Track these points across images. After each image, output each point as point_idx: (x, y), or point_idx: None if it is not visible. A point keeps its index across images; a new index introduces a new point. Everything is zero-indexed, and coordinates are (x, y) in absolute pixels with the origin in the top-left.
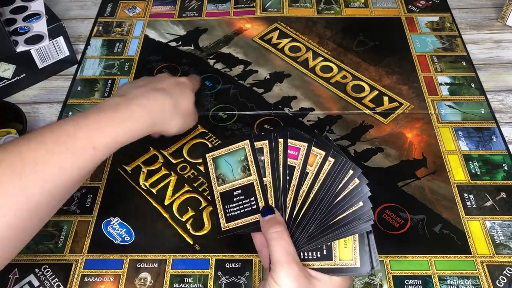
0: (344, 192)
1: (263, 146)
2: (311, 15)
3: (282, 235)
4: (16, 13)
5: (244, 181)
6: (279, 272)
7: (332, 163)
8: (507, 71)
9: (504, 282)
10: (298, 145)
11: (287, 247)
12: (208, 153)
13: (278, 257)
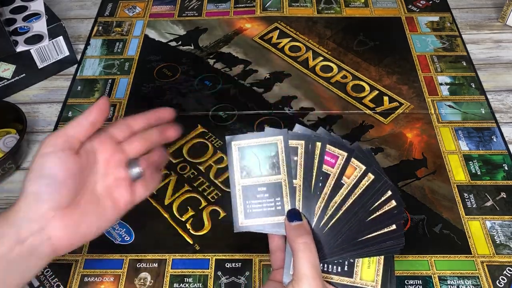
0: (378, 212)
1: (298, 146)
2: (311, 15)
3: (309, 246)
4: (16, 13)
5: (271, 178)
6: (304, 286)
7: (372, 180)
8: (507, 71)
9: (504, 282)
10: (337, 153)
11: (313, 260)
12: (235, 141)
13: (304, 270)
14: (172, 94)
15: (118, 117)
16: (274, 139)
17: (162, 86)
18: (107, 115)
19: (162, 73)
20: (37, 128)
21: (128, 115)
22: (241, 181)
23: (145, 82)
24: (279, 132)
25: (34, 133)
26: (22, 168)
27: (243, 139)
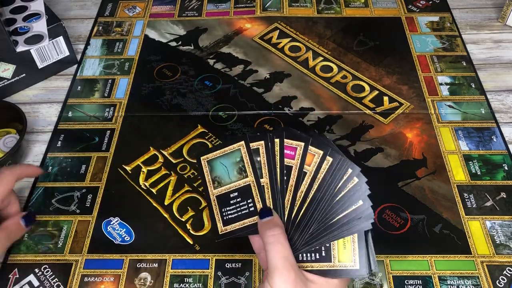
0: (343, 191)
1: (259, 147)
2: (311, 15)
3: (279, 238)
4: (16, 13)
5: (240, 183)
6: (276, 278)
7: (331, 163)
8: (507, 71)
9: (504, 282)
10: (295, 144)
11: (284, 251)
12: (203, 156)
13: (275, 263)
14: (172, 94)
15: (117, 117)
16: (236, 146)
17: (162, 86)
18: None
19: (162, 73)
20: (37, 128)
21: (128, 115)
22: (214, 191)
23: (145, 82)
24: (239, 138)
25: (34, 133)
26: None
27: (210, 152)
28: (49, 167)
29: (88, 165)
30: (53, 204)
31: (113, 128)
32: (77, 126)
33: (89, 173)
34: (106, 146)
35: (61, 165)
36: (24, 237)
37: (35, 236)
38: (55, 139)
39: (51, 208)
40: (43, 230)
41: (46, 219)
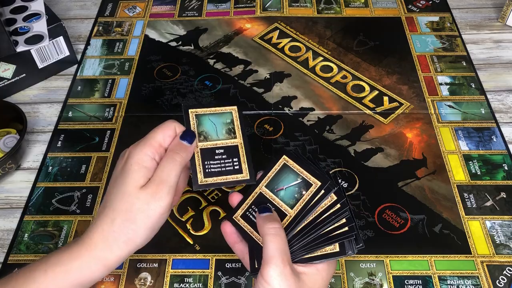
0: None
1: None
2: (311, 15)
3: (279, 232)
4: (16, 13)
5: (228, 142)
6: (271, 269)
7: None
8: (507, 71)
9: (504, 282)
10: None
11: (282, 245)
12: (191, 109)
13: (272, 253)
14: (172, 94)
15: (118, 117)
16: (228, 109)
17: (162, 86)
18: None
19: (162, 73)
20: (37, 128)
21: (128, 115)
22: (199, 144)
23: (145, 82)
24: (231, 103)
25: (34, 133)
26: (22, 168)
27: (199, 107)
28: (49, 167)
29: (88, 165)
30: (53, 204)
31: (113, 128)
32: (77, 126)
33: (89, 173)
34: (106, 146)
35: (61, 165)
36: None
37: (35, 236)
38: (55, 139)
39: (51, 208)
40: (43, 230)
41: (46, 219)
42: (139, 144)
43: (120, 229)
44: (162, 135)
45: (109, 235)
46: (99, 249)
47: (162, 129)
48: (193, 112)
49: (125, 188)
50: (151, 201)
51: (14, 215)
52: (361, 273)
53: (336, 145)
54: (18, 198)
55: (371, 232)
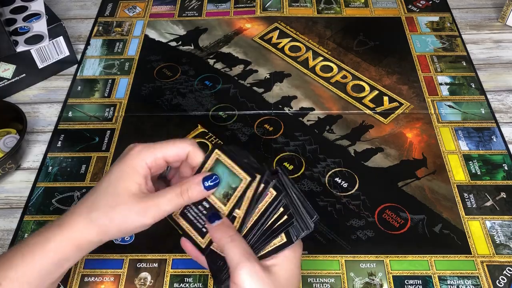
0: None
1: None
2: (311, 15)
3: (235, 237)
4: (16, 13)
5: (217, 203)
6: (241, 272)
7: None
8: (507, 71)
9: (504, 282)
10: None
11: (242, 246)
12: (218, 151)
13: (237, 258)
14: (172, 94)
15: (118, 117)
16: (244, 175)
17: (162, 86)
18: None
19: (162, 73)
20: (37, 128)
21: (128, 115)
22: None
23: (145, 82)
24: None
25: (34, 133)
26: (22, 168)
27: (226, 154)
28: (49, 167)
29: (88, 165)
30: (53, 204)
31: (113, 128)
32: (77, 126)
33: (89, 173)
34: (106, 146)
35: (61, 165)
36: None
37: None
38: (55, 139)
39: (51, 208)
40: None
41: (46, 219)
42: (147, 149)
43: (96, 220)
44: (173, 151)
45: (85, 222)
46: (73, 231)
47: (177, 146)
48: (217, 153)
49: (117, 189)
50: (136, 214)
51: (14, 215)
52: (361, 273)
53: (336, 145)
54: (18, 198)
55: (371, 232)
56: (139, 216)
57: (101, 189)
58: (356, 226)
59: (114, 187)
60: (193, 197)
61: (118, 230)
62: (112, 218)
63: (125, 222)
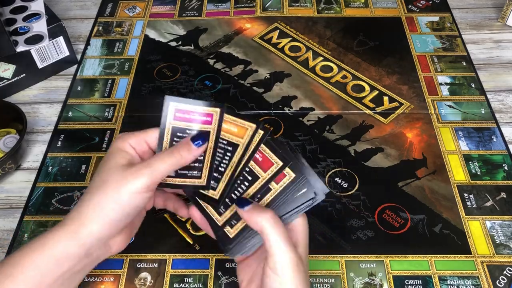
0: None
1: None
2: (311, 15)
3: (275, 220)
4: (16, 13)
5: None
6: (278, 262)
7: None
8: (507, 71)
9: (504, 282)
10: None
11: (282, 230)
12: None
13: (277, 245)
14: (172, 94)
15: (118, 117)
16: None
17: (162, 86)
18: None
19: (162, 73)
20: (37, 128)
21: (128, 115)
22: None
23: (145, 82)
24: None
25: (34, 133)
26: (22, 168)
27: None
28: (49, 167)
29: (88, 165)
30: (53, 204)
31: (113, 128)
32: (77, 126)
33: (89, 173)
34: (106, 146)
35: (61, 165)
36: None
37: (35, 237)
38: (55, 139)
39: (51, 208)
40: (43, 230)
41: (46, 219)
42: (129, 133)
43: (92, 204)
44: (154, 135)
45: (82, 209)
46: (71, 224)
47: (157, 131)
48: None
49: (106, 166)
50: (128, 176)
51: (14, 215)
52: (361, 273)
53: (336, 145)
54: (18, 198)
55: (371, 232)
56: (132, 179)
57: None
58: (356, 226)
59: (103, 169)
60: (184, 155)
61: (115, 206)
62: (105, 193)
63: (118, 194)
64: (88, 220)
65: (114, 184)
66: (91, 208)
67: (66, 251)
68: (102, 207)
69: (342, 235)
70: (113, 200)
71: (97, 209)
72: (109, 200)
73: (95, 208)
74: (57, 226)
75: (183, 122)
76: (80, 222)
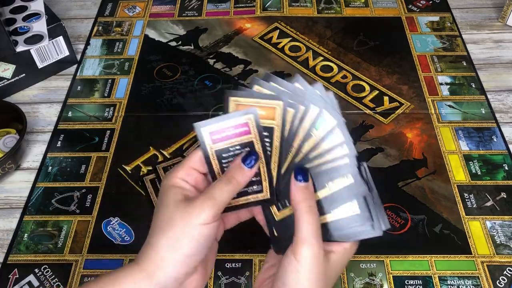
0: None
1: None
2: (311, 15)
3: (315, 210)
4: (16, 13)
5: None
6: (305, 250)
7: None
8: (507, 71)
9: (505, 282)
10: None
11: (317, 223)
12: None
13: (306, 234)
14: (172, 94)
15: (117, 117)
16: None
17: (162, 86)
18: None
19: (162, 73)
20: (37, 128)
21: (128, 115)
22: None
23: (145, 82)
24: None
25: (34, 133)
26: (22, 168)
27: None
28: (49, 167)
29: (88, 165)
30: (53, 204)
31: (113, 128)
32: (77, 126)
33: (89, 173)
34: (106, 146)
35: (61, 165)
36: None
37: (34, 236)
38: (55, 139)
39: (51, 208)
40: (43, 230)
41: (46, 219)
42: (173, 168)
43: (161, 244)
44: (197, 157)
45: (152, 250)
46: (145, 264)
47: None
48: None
49: (164, 205)
50: (193, 212)
51: (14, 215)
52: (361, 273)
53: None
54: (17, 198)
55: None
56: (196, 212)
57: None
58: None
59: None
60: (240, 179)
61: (187, 240)
62: (173, 229)
63: (187, 226)
64: (162, 260)
65: (179, 221)
66: (163, 247)
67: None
68: (174, 244)
69: None
70: (184, 235)
71: (170, 247)
72: (179, 236)
73: (167, 246)
74: (131, 264)
75: (222, 142)
76: (155, 263)
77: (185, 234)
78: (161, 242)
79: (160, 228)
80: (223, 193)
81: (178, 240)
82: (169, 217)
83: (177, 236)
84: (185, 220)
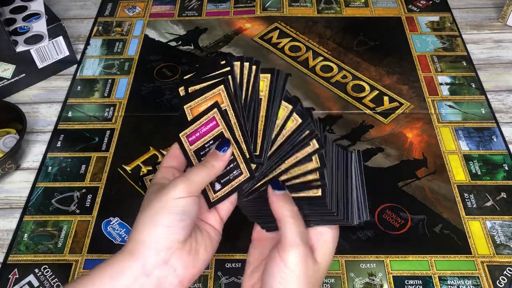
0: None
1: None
2: (311, 15)
3: (297, 214)
4: (16, 13)
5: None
6: (291, 253)
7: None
8: (508, 71)
9: (505, 282)
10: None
11: (301, 226)
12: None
13: (292, 237)
14: (172, 94)
15: (117, 117)
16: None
17: (162, 86)
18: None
19: (162, 73)
20: (37, 128)
21: (127, 115)
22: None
23: (145, 82)
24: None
25: (34, 133)
26: (21, 168)
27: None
28: (48, 167)
29: (88, 165)
30: (53, 204)
31: (113, 128)
32: (77, 126)
33: (89, 173)
34: (106, 146)
35: (61, 165)
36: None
37: (34, 236)
38: (55, 139)
39: (51, 208)
40: (43, 230)
41: (46, 219)
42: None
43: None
44: (168, 159)
45: (134, 230)
46: (130, 245)
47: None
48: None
49: (145, 198)
50: (166, 190)
51: (14, 215)
52: (361, 273)
53: (336, 145)
54: (17, 198)
55: (371, 232)
56: (173, 189)
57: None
58: (356, 226)
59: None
60: (215, 163)
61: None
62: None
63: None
64: (142, 234)
65: (156, 201)
66: (143, 225)
67: (122, 266)
68: (151, 219)
69: (342, 235)
70: (160, 209)
71: (148, 222)
72: (156, 211)
73: (146, 224)
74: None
75: (197, 141)
76: (136, 240)
77: (160, 208)
78: (140, 222)
79: (141, 212)
80: (196, 174)
81: (155, 215)
82: (148, 202)
83: (154, 211)
84: (160, 198)
